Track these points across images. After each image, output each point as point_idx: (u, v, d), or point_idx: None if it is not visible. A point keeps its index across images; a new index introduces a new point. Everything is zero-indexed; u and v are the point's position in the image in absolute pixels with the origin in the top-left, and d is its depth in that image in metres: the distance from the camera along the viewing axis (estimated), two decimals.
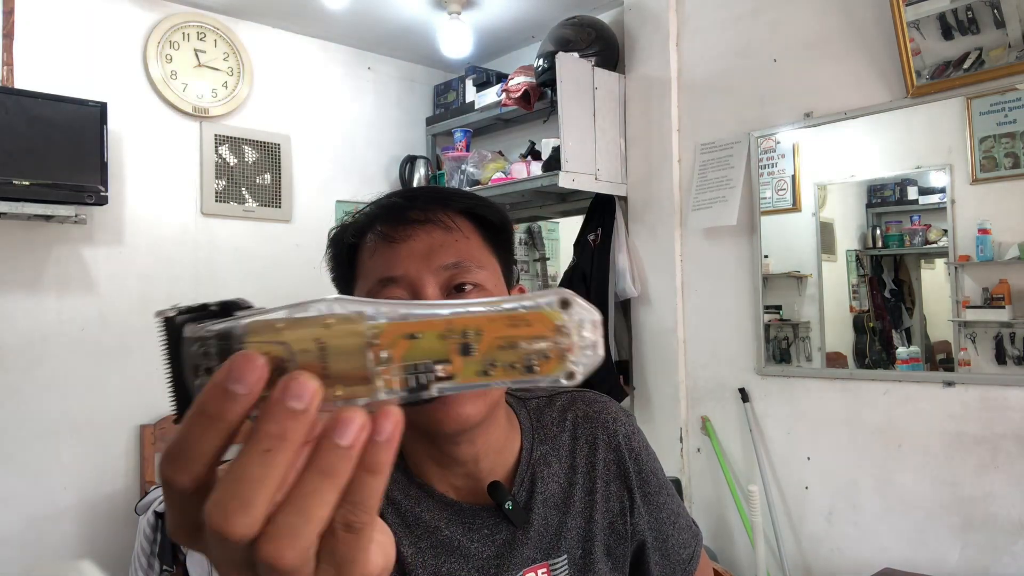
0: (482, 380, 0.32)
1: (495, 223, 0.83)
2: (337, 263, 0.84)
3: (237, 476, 0.29)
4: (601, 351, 0.32)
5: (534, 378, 0.32)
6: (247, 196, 3.36)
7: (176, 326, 0.33)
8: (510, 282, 0.85)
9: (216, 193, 3.26)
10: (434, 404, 0.73)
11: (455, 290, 0.76)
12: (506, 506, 0.80)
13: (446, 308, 0.32)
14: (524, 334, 0.32)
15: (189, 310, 0.34)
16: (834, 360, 2.66)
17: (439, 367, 0.32)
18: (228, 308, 0.34)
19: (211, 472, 0.30)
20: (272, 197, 3.43)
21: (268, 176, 3.43)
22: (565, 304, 0.32)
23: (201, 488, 0.30)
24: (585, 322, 0.32)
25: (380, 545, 0.33)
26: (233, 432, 0.30)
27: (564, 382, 0.32)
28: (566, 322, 0.32)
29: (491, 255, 0.82)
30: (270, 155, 3.43)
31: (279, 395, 0.29)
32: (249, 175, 3.37)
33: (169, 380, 0.34)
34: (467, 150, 3.54)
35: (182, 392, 0.34)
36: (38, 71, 2.81)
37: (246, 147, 3.36)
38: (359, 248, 0.81)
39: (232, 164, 3.31)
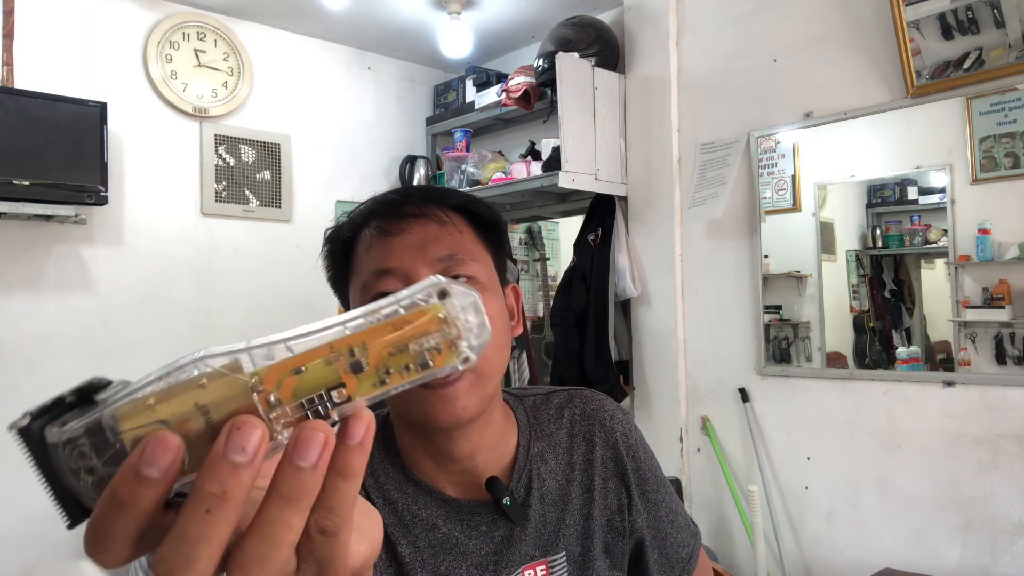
0: (380, 390, 0.31)
1: (488, 220, 0.85)
2: (333, 259, 0.85)
3: (179, 535, 0.27)
4: (489, 327, 0.32)
5: (431, 372, 0.31)
6: (247, 196, 3.36)
7: (36, 435, 0.30)
8: (503, 278, 0.86)
9: (216, 193, 3.26)
10: (428, 399, 0.74)
11: None
12: (504, 502, 0.80)
13: (327, 330, 0.31)
14: (410, 335, 0.31)
15: (43, 411, 0.31)
16: (834, 360, 2.66)
17: (334, 393, 0.30)
18: (86, 395, 0.30)
19: (137, 550, 0.29)
20: (272, 197, 3.43)
21: (268, 176, 3.43)
22: (443, 294, 0.32)
23: (134, 554, 0.29)
24: (467, 307, 0.32)
25: (364, 532, 0.32)
26: (150, 515, 0.28)
27: (460, 367, 0.32)
28: (448, 312, 0.31)
29: (484, 250, 0.83)
30: (270, 155, 3.43)
31: (220, 448, 0.27)
32: (249, 175, 3.37)
33: (49, 491, 0.30)
34: (467, 150, 3.55)
35: (68, 498, 0.30)
36: (38, 71, 2.81)
37: (246, 147, 3.36)
38: (354, 243, 0.82)
39: (232, 164, 3.32)
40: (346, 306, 0.86)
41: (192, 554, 0.27)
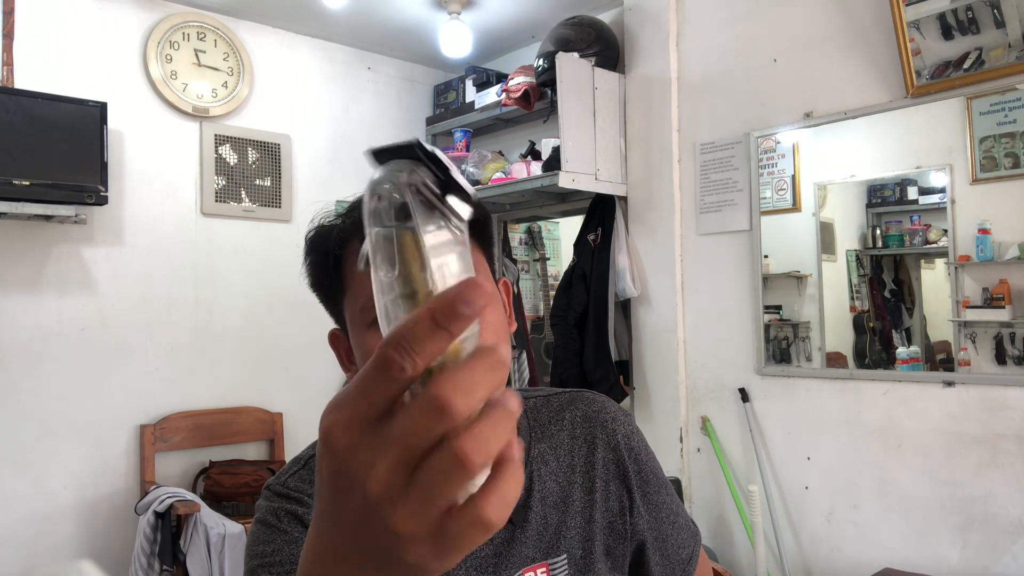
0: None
1: (478, 218, 0.83)
2: (321, 272, 0.80)
3: (471, 368, 0.31)
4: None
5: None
6: (247, 196, 3.36)
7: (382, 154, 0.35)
8: (494, 273, 0.85)
9: (216, 193, 3.26)
10: None
11: None
12: None
13: None
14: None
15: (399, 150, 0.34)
16: (834, 360, 2.66)
17: None
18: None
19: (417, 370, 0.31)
20: (272, 197, 3.43)
21: (268, 176, 3.43)
22: None
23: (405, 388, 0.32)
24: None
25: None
26: (446, 344, 0.31)
27: None
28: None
29: (479, 251, 0.82)
30: (270, 155, 3.43)
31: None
32: (249, 175, 3.37)
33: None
34: (467, 150, 3.55)
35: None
36: (38, 71, 2.81)
37: (246, 147, 3.36)
38: (344, 258, 0.78)
39: (232, 164, 3.31)
40: (336, 318, 0.83)
41: (476, 388, 0.31)
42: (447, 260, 0.34)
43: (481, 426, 0.30)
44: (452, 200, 0.33)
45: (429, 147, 0.34)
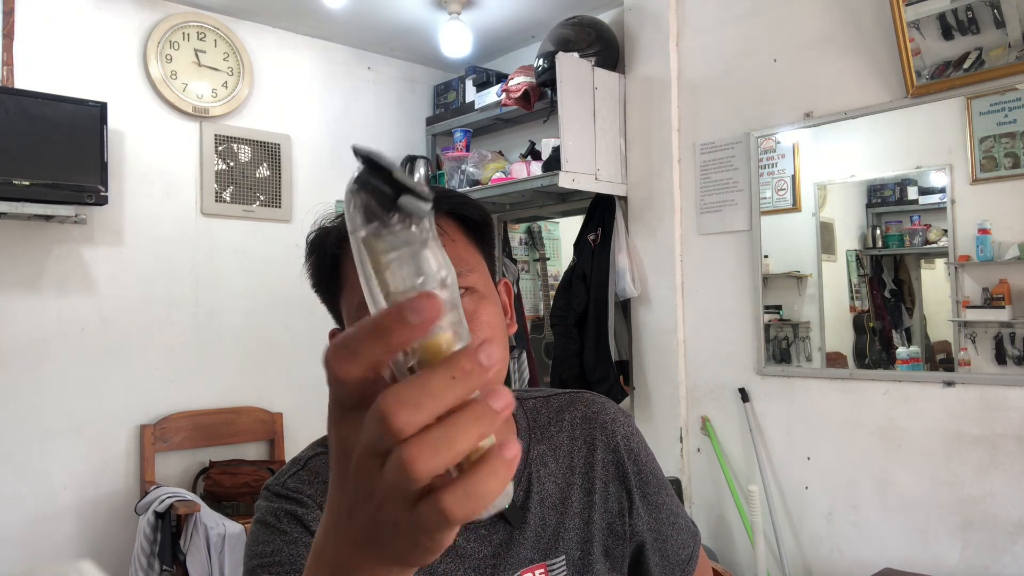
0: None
1: (478, 221, 0.83)
2: (320, 272, 0.82)
3: (423, 383, 0.32)
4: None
5: None
6: (247, 196, 3.36)
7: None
8: (494, 276, 0.85)
9: (216, 193, 3.26)
10: None
11: None
12: None
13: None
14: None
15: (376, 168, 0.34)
16: (834, 360, 2.66)
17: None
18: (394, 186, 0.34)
19: (369, 376, 0.34)
20: (272, 197, 3.43)
21: (268, 176, 3.43)
22: None
23: (362, 385, 0.34)
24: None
25: None
26: (391, 353, 0.33)
27: None
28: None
29: (478, 254, 0.82)
30: (270, 155, 3.43)
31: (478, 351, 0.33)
32: (249, 175, 3.37)
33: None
34: (467, 150, 3.54)
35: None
36: (38, 71, 2.81)
37: (246, 147, 3.36)
38: (341, 257, 0.79)
39: (232, 164, 3.32)
40: (336, 317, 0.84)
41: (425, 403, 0.32)
42: (397, 263, 0.34)
43: (433, 432, 0.32)
44: (403, 201, 0.33)
45: (365, 151, 0.34)
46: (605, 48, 3.09)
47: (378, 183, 0.34)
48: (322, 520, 0.39)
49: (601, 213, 3.14)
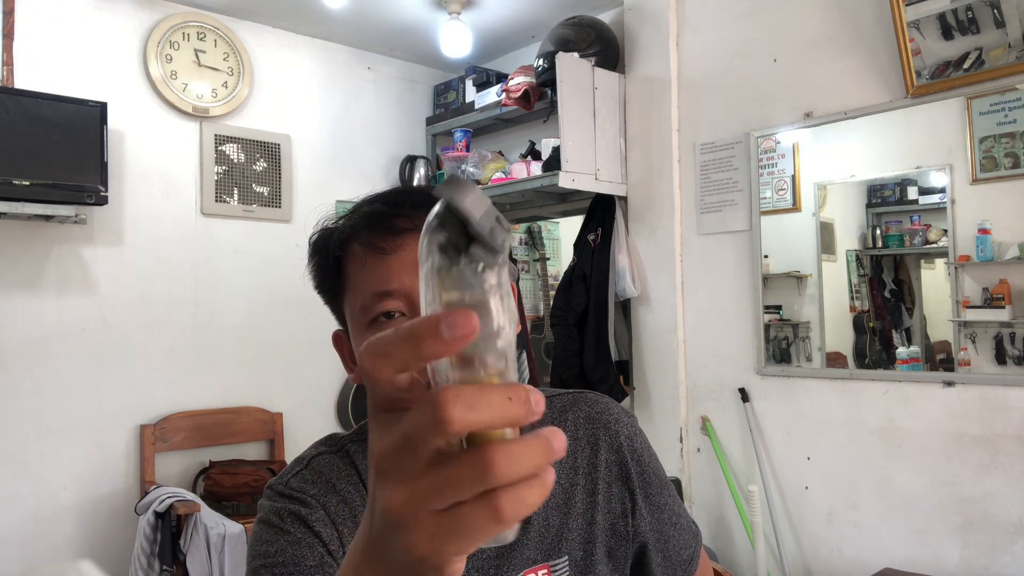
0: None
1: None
2: (323, 273, 0.82)
3: (483, 390, 0.33)
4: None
5: None
6: (247, 196, 3.36)
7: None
8: None
9: (216, 193, 3.26)
10: None
11: None
12: None
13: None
14: None
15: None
16: (834, 360, 2.66)
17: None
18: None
19: (401, 381, 0.34)
20: (272, 197, 3.43)
21: (268, 176, 3.43)
22: None
23: (394, 387, 0.34)
24: None
25: None
26: (423, 359, 0.33)
27: None
28: None
29: None
30: (270, 155, 3.43)
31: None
32: (249, 175, 3.37)
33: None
34: (467, 150, 3.54)
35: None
36: (38, 71, 2.81)
37: (246, 147, 3.36)
38: (344, 259, 0.79)
39: (232, 164, 3.31)
40: (339, 318, 0.84)
41: (485, 406, 0.32)
42: (457, 304, 0.35)
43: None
44: (473, 250, 0.34)
45: (450, 193, 0.35)
46: (605, 48, 3.09)
47: (454, 225, 0.34)
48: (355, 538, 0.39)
49: (601, 213, 3.15)
